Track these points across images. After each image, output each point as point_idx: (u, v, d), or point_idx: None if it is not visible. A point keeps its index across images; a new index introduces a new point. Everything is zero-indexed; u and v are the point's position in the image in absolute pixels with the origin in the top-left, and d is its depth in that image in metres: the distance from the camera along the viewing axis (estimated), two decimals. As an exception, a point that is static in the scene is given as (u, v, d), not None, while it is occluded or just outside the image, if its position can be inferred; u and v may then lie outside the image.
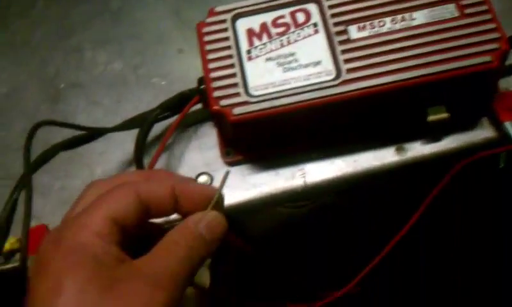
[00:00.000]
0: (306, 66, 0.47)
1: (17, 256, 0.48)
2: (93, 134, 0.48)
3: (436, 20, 0.48)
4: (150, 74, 0.56)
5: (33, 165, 0.46)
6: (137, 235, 0.37)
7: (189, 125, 0.53)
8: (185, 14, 0.60)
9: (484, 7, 0.47)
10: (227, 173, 0.39)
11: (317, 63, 0.47)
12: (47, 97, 0.56)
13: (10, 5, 0.62)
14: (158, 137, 0.52)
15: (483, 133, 0.50)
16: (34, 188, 0.48)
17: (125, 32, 0.59)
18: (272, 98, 0.46)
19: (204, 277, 0.53)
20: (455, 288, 0.60)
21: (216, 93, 0.46)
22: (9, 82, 0.58)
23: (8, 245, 0.47)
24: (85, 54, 0.58)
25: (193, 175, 0.51)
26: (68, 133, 0.49)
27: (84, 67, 0.58)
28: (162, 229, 0.38)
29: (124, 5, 0.61)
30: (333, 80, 0.46)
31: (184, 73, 0.56)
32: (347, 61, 0.46)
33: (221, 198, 0.39)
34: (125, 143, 0.52)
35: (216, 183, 0.49)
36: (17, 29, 0.61)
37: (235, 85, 0.46)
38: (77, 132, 0.49)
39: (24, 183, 0.44)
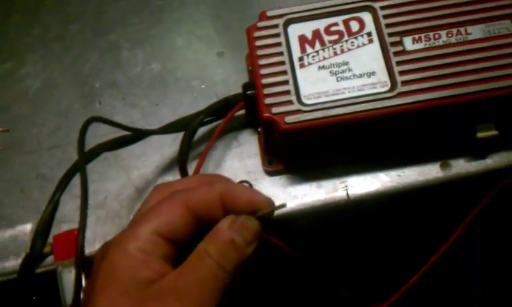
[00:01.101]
0: (360, 76, 0.45)
1: (49, 259, 0.47)
2: (138, 136, 0.46)
3: (492, 35, 0.47)
4: (188, 77, 0.55)
5: (75, 167, 0.44)
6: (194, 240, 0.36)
7: (228, 130, 0.52)
8: (225, 17, 0.58)
9: (540, 25, 0.47)
10: (284, 205, 0.38)
11: (372, 74, 0.45)
12: (82, 95, 0.54)
13: (43, -1, 0.60)
14: (198, 142, 0.51)
15: (529, 152, 0.50)
16: (66, 191, 0.46)
17: (164, 31, 0.57)
18: (326, 108, 0.44)
19: None
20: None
21: (268, 100, 0.45)
22: (41, 77, 0.56)
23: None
24: (122, 53, 0.56)
25: (233, 183, 0.49)
26: (104, 135, 0.48)
27: (120, 66, 0.56)
28: None
29: (164, 4, 0.59)
30: (388, 91, 0.45)
31: (224, 77, 0.55)
32: (402, 72, 0.45)
33: (271, 213, 0.38)
34: (163, 147, 0.51)
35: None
36: (51, 23, 0.59)
37: (287, 92, 0.45)
38: (119, 134, 0.47)
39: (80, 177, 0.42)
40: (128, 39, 0.57)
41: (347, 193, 0.49)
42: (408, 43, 0.47)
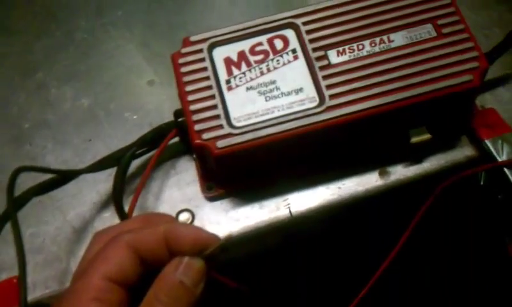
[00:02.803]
0: (288, 93, 0.45)
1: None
2: (67, 177, 0.45)
3: (415, 41, 0.47)
4: (120, 109, 0.54)
5: (5, 215, 0.42)
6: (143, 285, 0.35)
7: (165, 159, 0.51)
8: (153, 45, 0.57)
9: (460, 26, 0.48)
10: (230, 237, 0.39)
11: (299, 90, 0.45)
12: (11, 138, 0.53)
13: (-35, 43, 0.59)
14: (133, 175, 0.50)
15: (464, 152, 0.51)
16: (2, 238, 0.44)
17: (92, 65, 0.56)
18: (257, 129, 0.44)
19: None
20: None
21: (198, 127, 0.44)
22: (-33, 125, 0.54)
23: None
24: (50, 91, 0.55)
25: (173, 213, 0.48)
26: (37, 177, 0.46)
27: (49, 105, 0.54)
28: None
29: (90, 37, 0.58)
30: (317, 107, 0.45)
31: (157, 105, 0.54)
32: (329, 86, 0.46)
33: (217, 250, 0.37)
34: (98, 183, 0.50)
35: (198, 222, 0.48)
36: (-26, 68, 0.57)
37: (216, 117, 0.45)
38: (48, 175, 0.46)
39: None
40: (55, 76, 0.56)
41: (290, 211, 0.49)
42: (333, 56, 0.47)
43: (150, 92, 0.55)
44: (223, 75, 0.46)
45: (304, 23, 0.48)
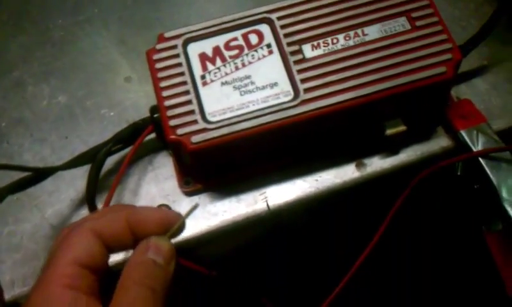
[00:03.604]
0: (263, 88, 0.45)
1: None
2: (42, 174, 0.45)
3: (389, 34, 0.48)
4: (97, 106, 0.54)
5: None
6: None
7: (142, 155, 0.51)
8: (130, 41, 0.57)
9: (434, 19, 0.48)
10: (196, 206, 0.38)
11: (274, 84, 0.46)
12: (-12, 138, 0.53)
13: None
14: (111, 172, 0.50)
15: (439, 142, 0.51)
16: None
17: (69, 63, 0.56)
18: (231, 124, 0.44)
19: None
20: (424, 294, 0.60)
21: (172, 122, 0.44)
22: None
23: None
24: (27, 89, 0.55)
25: (151, 208, 0.49)
26: (15, 174, 0.46)
27: (26, 103, 0.54)
28: None
29: (66, 35, 0.58)
30: (292, 100, 0.45)
31: (134, 102, 0.54)
32: (303, 80, 0.46)
33: (181, 226, 0.38)
34: (75, 180, 0.50)
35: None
36: (-50, 67, 0.57)
37: (191, 112, 0.45)
38: (25, 173, 0.46)
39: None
40: (32, 74, 0.56)
41: (267, 204, 0.49)
42: (308, 50, 0.47)
43: (127, 89, 0.55)
44: (197, 70, 0.46)
45: (279, 18, 0.48)
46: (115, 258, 0.41)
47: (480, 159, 0.48)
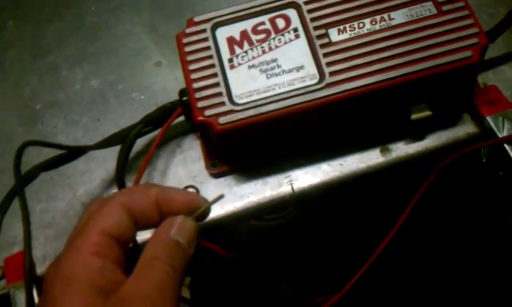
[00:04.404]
0: (290, 71, 0.46)
1: (2, 283, 0.47)
2: (74, 153, 0.47)
3: (415, 18, 0.48)
4: (128, 89, 0.55)
5: (13, 190, 0.44)
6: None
7: (170, 138, 0.52)
8: (160, 27, 0.59)
9: (460, 4, 0.48)
10: (222, 196, 0.39)
11: (300, 68, 0.46)
12: (24, 119, 0.55)
13: (-22, 28, 0.61)
14: (140, 153, 0.51)
15: (465, 129, 0.51)
16: (13, 213, 0.47)
17: (101, 48, 0.58)
18: (258, 106, 0.45)
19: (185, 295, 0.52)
20: (448, 283, 0.60)
21: (200, 104, 0.45)
22: (-18, 105, 0.56)
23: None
24: (61, 73, 0.57)
25: (179, 189, 0.50)
26: (48, 155, 0.48)
27: (60, 86, 0.56)
28: None
29: (99, 21, 0.60)
30: (317, 83, 0.46)
31: (163, 86, 0.55)
32: (329, 64, 0.46)
33: (207, 210, 0.39)
34: (107, 161, 0.51)
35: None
36: (-12, 51, 0.59)
37: (219, 94, 0.46)
38: (57, 152, 0.47)
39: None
40: (66, 59, 0.58)
41: (292, 187, 0.50)
42: (334, 34, 0.48)
43: (157, 73, 0.56)
44: (225, 54, 0.47)
45: (306, 3, 0.49)
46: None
47: (505, 145, 0.48)
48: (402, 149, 0.50)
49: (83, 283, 0.33)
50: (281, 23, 0.48)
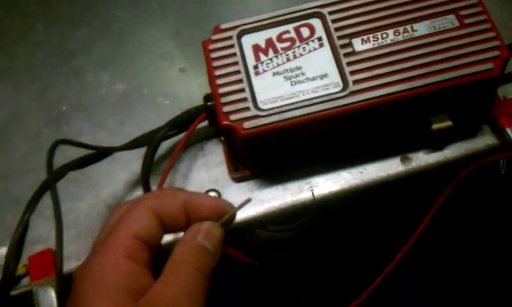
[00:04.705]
0: (313, 79, 0.47)
1: (24, 280, 0.48)
2: (102, 153, 0.48)
3: (438, 30, 0.49)
4: (153, 94, 0.56)
5: (44, 185, 0.45)
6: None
7: (193, 142, 0.53)
8: (185, 34, 0.60)
9: (483, 17, 0.49)
10: (249, 200, 0.39)
11: (324, 76, 0.47)
12: (50, 120, 0.56)
13: (8, 29, 0.62)
14: (163, 156, 0.52)
15: (485, 140, 0.51)
16: (38, 212, 0.47)
17: (127, 53, 0.59)
18: (282, 111, 0.46)
19: None
20: (462, 292, 0.60)
21: (226, 108, 0.46)
22: (10, 106, 0.57)
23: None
24: (87, 77, 0.58)
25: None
26: (71, 156, 0.49)
27: (86, 89, 0.57)
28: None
29: (125, 26, 0.61)
30: (341, 91, 0.46)
31: (187, 91, 0.56)
32: (352, 72, 0.47)
33: (233, 216, 0.39)
34: (131, 163, 0.52)
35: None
36: (16, 53, 0.60)
37: (244, 100, 0.47)
38: (84, 153, 0.48)
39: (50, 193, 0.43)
40: (92, 63, 0.59)
41: (313, 193, 0.50)
42: (357, 44, 0.49)
43: (182, 79, 0.57)
44: (250, 60, 0.48)
45: (331, 13, 0.50)
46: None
47: (525, 157, 0.49)
48: (422, 158, 0.51)
49: (113, 284, 0.34)
50: (305, 32, 0.49)
